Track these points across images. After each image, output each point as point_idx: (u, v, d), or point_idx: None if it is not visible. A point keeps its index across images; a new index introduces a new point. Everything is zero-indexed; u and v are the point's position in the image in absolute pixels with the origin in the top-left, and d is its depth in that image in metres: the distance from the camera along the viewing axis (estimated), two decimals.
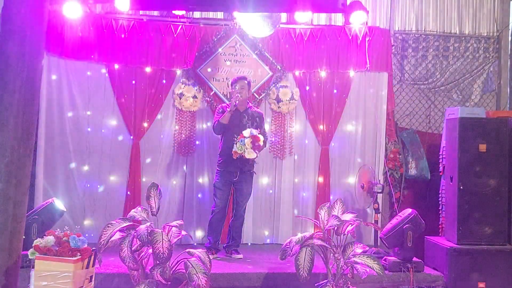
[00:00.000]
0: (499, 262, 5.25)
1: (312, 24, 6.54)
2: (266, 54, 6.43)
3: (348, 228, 4.58)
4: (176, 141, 6.33)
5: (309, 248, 4.35)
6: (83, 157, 6.19)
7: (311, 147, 6.59)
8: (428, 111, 6.89)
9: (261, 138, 5.37)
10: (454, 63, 6.95)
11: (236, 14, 6.13)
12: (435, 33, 6.88)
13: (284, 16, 6.40)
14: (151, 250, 4.04)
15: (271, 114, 6.49)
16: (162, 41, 6.23)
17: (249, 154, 5.30)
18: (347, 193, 6.52)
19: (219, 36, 6.34)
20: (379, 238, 5.58)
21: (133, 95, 6.25)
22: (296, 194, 6.55)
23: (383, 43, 6.55)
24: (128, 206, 6.02)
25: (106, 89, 6.25)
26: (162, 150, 6.35)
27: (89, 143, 6.20)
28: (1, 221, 3.42)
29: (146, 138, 6.32)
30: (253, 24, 6.05)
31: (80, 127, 6.19)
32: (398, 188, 6.56)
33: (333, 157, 6.58)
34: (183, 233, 4.31)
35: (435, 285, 5.20)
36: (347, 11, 6.09)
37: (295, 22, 6.34)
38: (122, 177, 6.26)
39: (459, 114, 5.46)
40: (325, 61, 6.47)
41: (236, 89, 5.55)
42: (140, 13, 6.33)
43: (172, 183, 6.35)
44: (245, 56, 6.43)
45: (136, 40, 6.20)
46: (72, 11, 5.75)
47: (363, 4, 6.29)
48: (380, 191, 5.84)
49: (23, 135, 3.49)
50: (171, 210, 6.32)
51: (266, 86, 6.46)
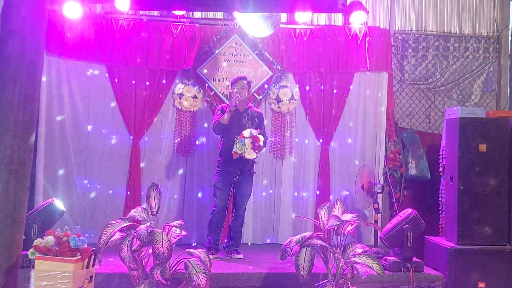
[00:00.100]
0: (499, 262, 5.24)
1: (312, 24, 6.54)
2: (266, 54, 6.43)
3: (348, 228, 4.57)
4: (176, 141, 6.34)
5: (309, 248, 4.35)
6: (83, 157, 6.18)
7: (311, 147, 6.59)
8: (428, 111, 6.88)
9: (261, 138, 5.37)
10: (454, 63, 6.95)
11: (236, 14, 6.13)
12: (435, 33, 6.88)
13: (284, 16, 6.40)
14: (151, 250, 4.04)
15: (271, 114, 6.49)
16: (162, 41, 6.23)
17: (249, 154, 5.30)
18: (347, 193, 6.53)
19: (219, 36, 6.34)
20: (379, 238, 5.58)
21: (133, 95, 6.25)
22: (296, 194, 6.55)
23: (383, 43, 6.55)
24: (128, 206, 6.02)
25: (106, 89, 6.25)
26: (162, 150, 6.35)
27: (89, 143, 6.20)
28: (1, 221, 3.42)
29: (146, 138, 6.31)
30: (253, 24, 6.05)
31: (80, 127, 6.18)
32: (398, 188, 6.56)
33: (333, 157, 6.58)
34: (183, 233, 4.31)
35: (435, 285, 5.20)
36: (347, 11, 6.11)
37: (295, 22, 6.35)
38: (122, 177, 6.26)
39: (459, 114, 5.46)
40: (325, 61, 6.48)
41: (236, 90, 5.55)
42: (140, 13, 6.33)
43: (172, 183, 6.34)
44: (245, 56, 6.43)
45: (136, 40, 6.19)
46: (72, 11, 5.76)
47: (363, 4, 6.30)
48: (380, 191, 5.83)
49: (23, 135, 3.49)
50: (171, 210, 6.32)
51: (266, 86, 6.47)
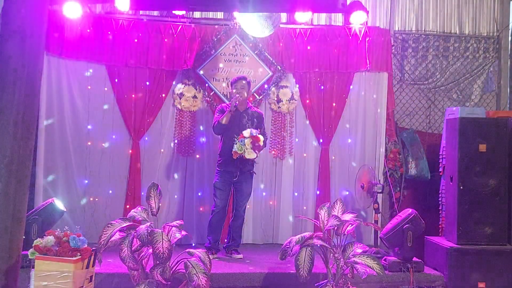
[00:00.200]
0: (499, 262, 5.24)
1: (312, 24, 6.54)
2: (266, 54, 6.43)
3: (348, 228, 4.57)
4: (176, 141, 6.33)
5: (309, 248, 4.34)
6: (83, 157, 6.18)
7: (311, 147, 6.59)
8: (428, 111, 6.88)
9: (261, 138, 5.37)
10: (454, 63, 6.95)
11: (236, 14, 6.13)
12: (435, 33, 6.88)
13: (284, 16, 6.41)
14: (151, 250, 4.03)
15: (271, 114, 6.49)
16: (162, 41, 6.23)
17: (249, 155, 5.30)
18: (347, 193, 6.53)
19: (219, 36, 6.34)
20: (379, 238, 5.59)
21: (133, 95, 6.25)
22: (296, 194, 6.54)
23: (383, 43, 6.55)
24: (128, 206, 6.03)
25: (106, 89, 6.25)
26: (162, 150, 6.34)
27: (89, 143, 6.20)
28: (1, 221, 3.42)
29: (146, 138, 6.31)
30: (253, 24, 6.05)
31: (80, 127, 6.18)
32: (398, 188, 6.56)
33: (333, 157, 6.58)
34: (183, 233, 4.31)
35: (435, 285, 5.20)
36: (347, 11, 6.11)
37: (295, 22, 6.35)
38: (122, 177, 6.26)
39: (459, 114, 5.46)
40: (325, 61, 6.48)
41: (236, 91, 5.55)
42: (140, 13, 6.33)
43: (172, 183, 6.34)
44: (245, 56, 6.43)
45: (136, 40, 6.20)
46: (72, 11, 5.77)
47: (363, 4, 6.30)
48: (380, 191, 5.84)
49: (23, 135, 3.49)
50: (171, 210, 6.32)
51: (266, 86, 6.47)
